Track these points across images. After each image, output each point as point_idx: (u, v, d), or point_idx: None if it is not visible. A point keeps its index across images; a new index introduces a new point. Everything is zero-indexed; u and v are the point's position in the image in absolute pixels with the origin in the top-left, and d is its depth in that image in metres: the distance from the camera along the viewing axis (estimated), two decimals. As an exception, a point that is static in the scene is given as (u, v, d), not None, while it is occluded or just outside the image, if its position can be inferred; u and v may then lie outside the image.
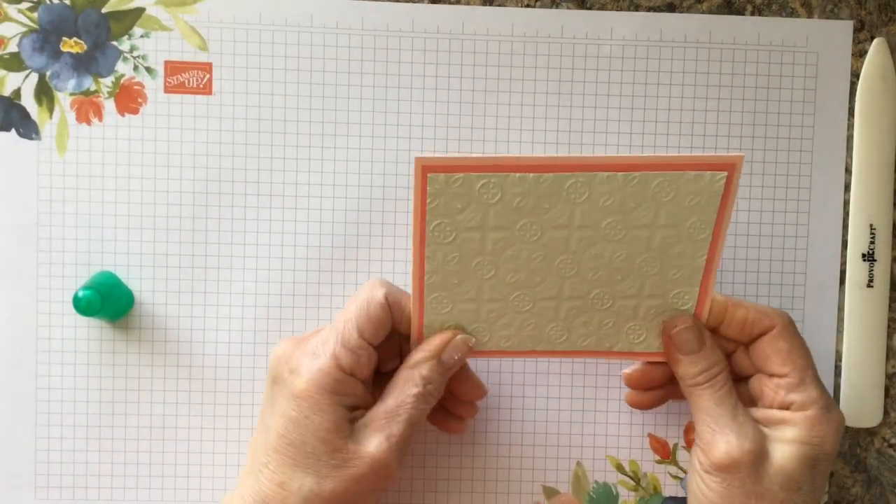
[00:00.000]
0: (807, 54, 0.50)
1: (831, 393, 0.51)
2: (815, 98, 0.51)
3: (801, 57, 0.50)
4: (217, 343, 0.50)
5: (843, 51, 0.50)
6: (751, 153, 0.51)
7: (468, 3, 0.50)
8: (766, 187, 0.51)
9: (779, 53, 0.50)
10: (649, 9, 0.50)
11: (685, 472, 0.52)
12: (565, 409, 0.51)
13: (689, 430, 0.51)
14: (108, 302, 0.46)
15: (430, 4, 0.50)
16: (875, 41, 0.50)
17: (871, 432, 0.52)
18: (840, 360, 0.51)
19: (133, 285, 0.49)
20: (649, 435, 0.52)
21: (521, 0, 0.50)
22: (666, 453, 0.52)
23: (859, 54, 0.51)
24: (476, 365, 0.51)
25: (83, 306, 0.45)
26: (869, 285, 0.51)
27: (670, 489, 0.52)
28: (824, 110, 0.51)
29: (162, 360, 0.50)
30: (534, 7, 0.50)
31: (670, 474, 0.52)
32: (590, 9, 0.50)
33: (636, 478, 0.52)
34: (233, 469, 0.50)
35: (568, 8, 0.50)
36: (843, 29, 0.50)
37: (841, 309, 0.51)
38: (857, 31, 0.51)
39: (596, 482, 0.52)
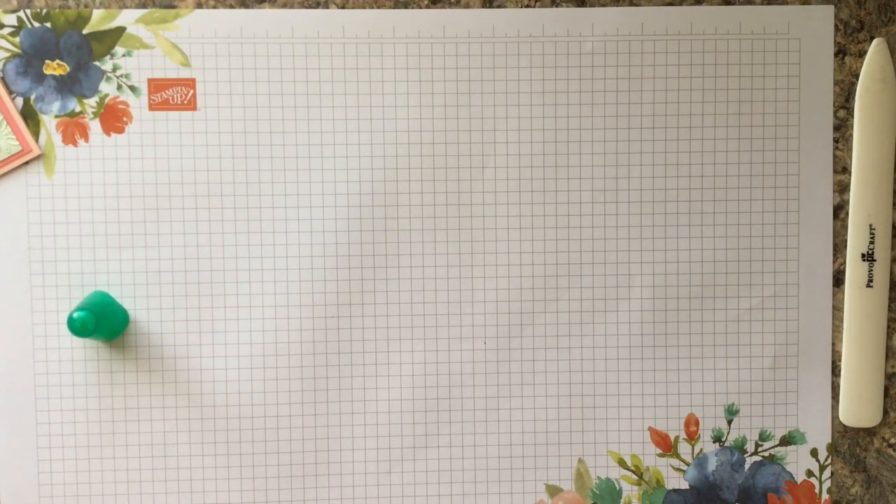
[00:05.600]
0: (789, 41, 0.50)
1: (830, 393, 0.51)
2: (799, 84, 0.51)
3: (784, 44, 0.50)
4: (214, 358, 0.50)
5: (825, 35, 0.50)
6: (737, 142, 0.51)
7: (468, 6, 0.50)
8: (755, 176, 0.51)
9: (761, 41, 0.50)
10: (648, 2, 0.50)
11: (687, 464, 0.52)
12: (565, 407, 0.51)
13: (690, 423, 0.52)
14: (103, 322, 0.46)
15: (411, 10, 0.50)
16: (875, 41, 0.50)
17: (870, 432, 0.52)
18: (840, 360, 0.51)
19: (127, 304, 0.50)
20: (650, 429, 0.52)
21: (521, 0, 0.50)
22: (667, 446, 0.52)
23: (859, 54, 0.50)
24: (474, 367, 0.51)
25: (78, 327, 0.45)
26: (868, 285, 0.51)
27: (673, 482, 0.52)
28: (809, 96, 0.51)
29: (160, 377, 0.50)
30: (534, 7, 0.50)
31: (673, 467, 0.52)
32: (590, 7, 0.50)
33: (638, 472, 0.52)
34: (231, 483, 0.51)
35: (567, 6, 0.50)
36: (824, 13, 0.50)
37: (840, 309, 0.51)
38: (856, 31, 0.50)
39: (598, 478, 0.52)
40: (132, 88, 0.49)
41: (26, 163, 0.49)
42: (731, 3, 0.50)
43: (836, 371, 0.52)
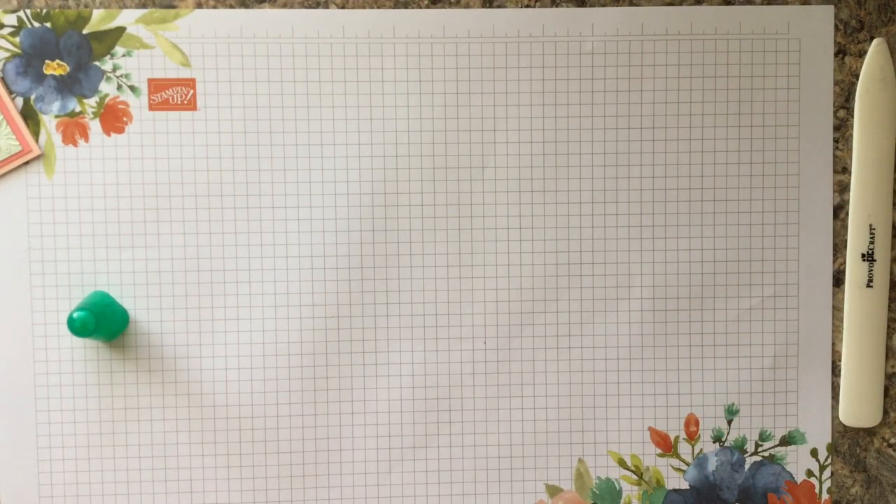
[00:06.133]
0: (789, 41, 0.50)
1: (830, 393, 0.51)
2: (799, 84, 0.51)
3: (784, 44, 0.50)
4: (214, 358, 0.50)
5: (825, 35, 0.50)
6: (737, 142, 0.51)
7: (468, 6, 0.50)
8: (755, 176, 0.51)
9: (761, 41, 0.50)
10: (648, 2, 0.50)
11: (687, 464, 0.52)
12: (565, 407, 0.51)
13: (690, 423, 0.52)
14: (103, 322, 0.46)
15: (411, 10, 0.50)
16: (875, 41, 0.50)
17: (870, 432, 0.52)
18: (840, 360, 0.51)
19: (127, 304, 0.50)
20: (650, 429, 0.52)
21: (521, 0, 0.50)
22: (667, 446, 0.52)
23: (859, 54, 0.50)
24: (474, 367, 0.51)
25: (78, 327, 0.45)
26: (868, 285, 0.51)
27: (673, 482, 0.52)
28: (809, 96, 0.51)
29: (160, 377, 0.50)
30: (533, 7, 0.50)
31: (673, 467, 0.52)
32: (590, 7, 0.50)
33: (638, 472, 0.52)
34: (231, 483, 0.51)
35: (567, 6, 0.50)
36: (824, 13, 0.50)
37: (840, 309, 0.51)
38: (857, 31, 0.50)
39: (598, 478, 0.52)
40: (132, 88, 0.49)
41: (26, 163, 0.49)
42: (731, 3, 0.50)
43: (836, 371, 0.52)
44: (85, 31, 0.49)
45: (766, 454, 0.52)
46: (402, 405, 0.51)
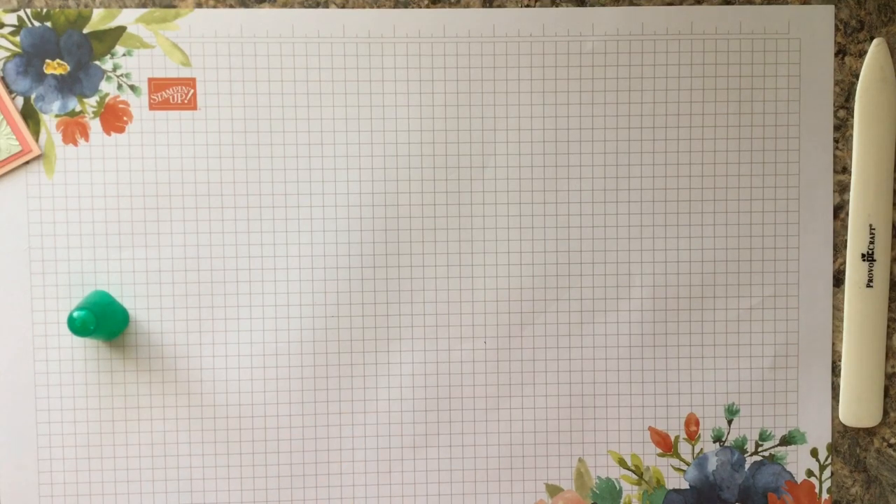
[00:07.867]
0: (789, 41, 0.50)
1: (830, 393, 0.51)
2: (799, 84, 0.51)
3: (784, 44, 0.50)
4: (214, 357, 0.50)
5: (825, 35, 0.50)
6: (737, 142, 0.51)
7: (468, 6, 0.50)
8: (755, 176, 0.51)
9: (761, 41, 0.50)
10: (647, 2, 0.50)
11: (688, 464, 0.52)
12: (565, 407, 0.51)
13: (690, 423, 0.52)
14: (103, 321, 0.46)
15: (411, 10, 0.50)
16: (875, 41, 0.50)
17: (870, 432, 0.52)
18: (840, 360, 0.51)
19: (127, 303, 0.50)
20: (650, 428, 0.52)
21: (521, 0, 0.50)
22: (668, 446, 0.52)
23: (859, 54, 0.50)
24: (474, 367, 0.51)
25: (78, 327, 0.45)
26: (868, 285, 0.51)
27: (673, 482, 0.52)
28: (809, 96, 0.51)
29: (160, 376, 0.50)
30: (533, 7, 0.50)
31: (673, 467, 0.52)
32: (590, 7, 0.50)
33: (639, 472, 0.52)
34: (231, 483, 0.50)
35: (567, 6, 0.50)
36: (824, 13, 0.50)
37: (840, 309, 0.51)
38: (857, 31, 0.50)
39: (599, 478, 0.52)
40: (132, 88, 0.49)
41: (26, 162, 0.49)
42: (731, 3, 0.50)
43: (836, 371, 0.52)
44: (85, 31, 0.49)
45: (766, 454, 0.52)
46: (402, 405, 0.51)
